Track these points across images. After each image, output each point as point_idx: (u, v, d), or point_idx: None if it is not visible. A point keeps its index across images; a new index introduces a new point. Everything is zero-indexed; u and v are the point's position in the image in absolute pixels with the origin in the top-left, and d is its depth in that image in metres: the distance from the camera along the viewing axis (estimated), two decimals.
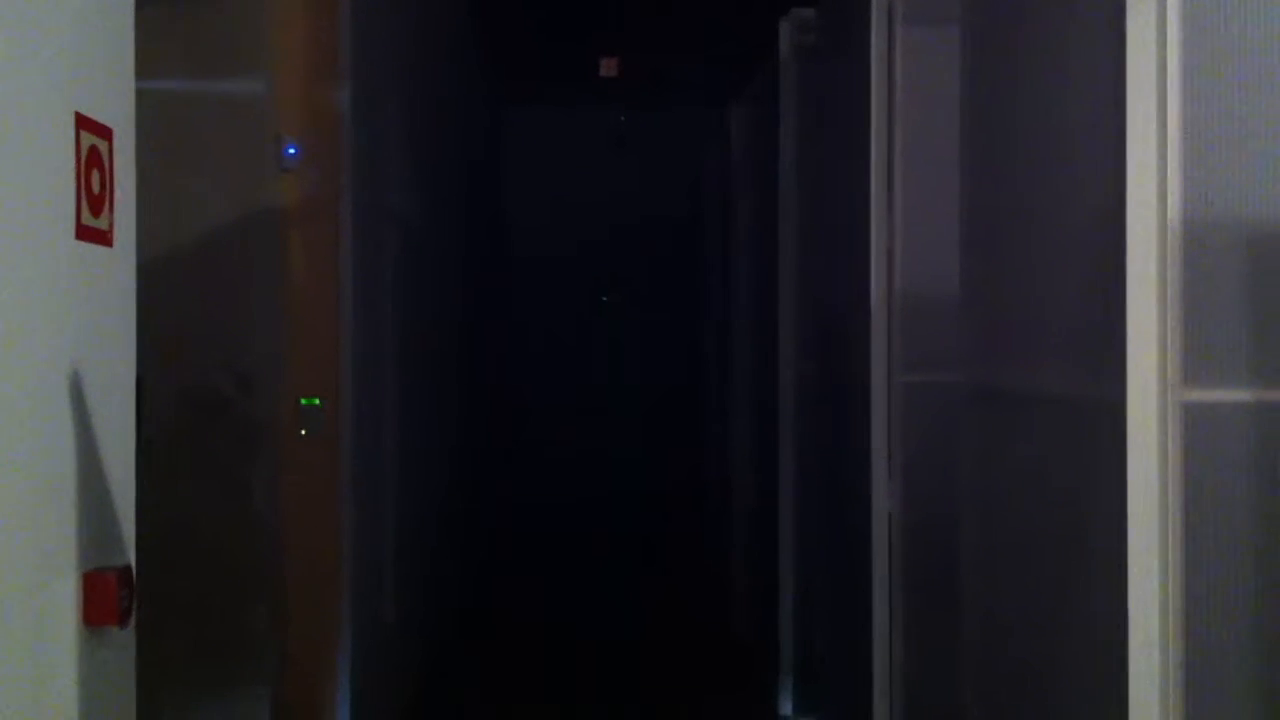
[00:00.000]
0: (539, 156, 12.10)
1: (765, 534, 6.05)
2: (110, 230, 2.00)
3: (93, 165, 1.94)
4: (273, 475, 3.51)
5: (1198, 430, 2.01)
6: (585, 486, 12.04)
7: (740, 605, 7.18)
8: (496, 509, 10.63)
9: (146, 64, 2.28)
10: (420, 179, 5.96)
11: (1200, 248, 2.03)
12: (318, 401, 3.83)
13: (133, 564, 2.06)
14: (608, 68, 9.75)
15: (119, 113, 2.04)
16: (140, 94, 2.14)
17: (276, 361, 3.55)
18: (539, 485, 12.01)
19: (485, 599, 8.43)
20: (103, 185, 1.97)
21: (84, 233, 1.92)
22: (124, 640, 2.05)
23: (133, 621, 2.04)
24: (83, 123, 1.91)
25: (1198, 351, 2.01)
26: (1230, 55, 2.03)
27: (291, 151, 3.58)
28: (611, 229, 12.23)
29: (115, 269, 2.03)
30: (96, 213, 1.95)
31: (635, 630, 7.57)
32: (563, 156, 12.16)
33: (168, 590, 3.28)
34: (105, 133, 1.98)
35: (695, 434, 10.69)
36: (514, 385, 12.03)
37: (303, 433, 3.76)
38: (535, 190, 12.09)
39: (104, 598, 1.93)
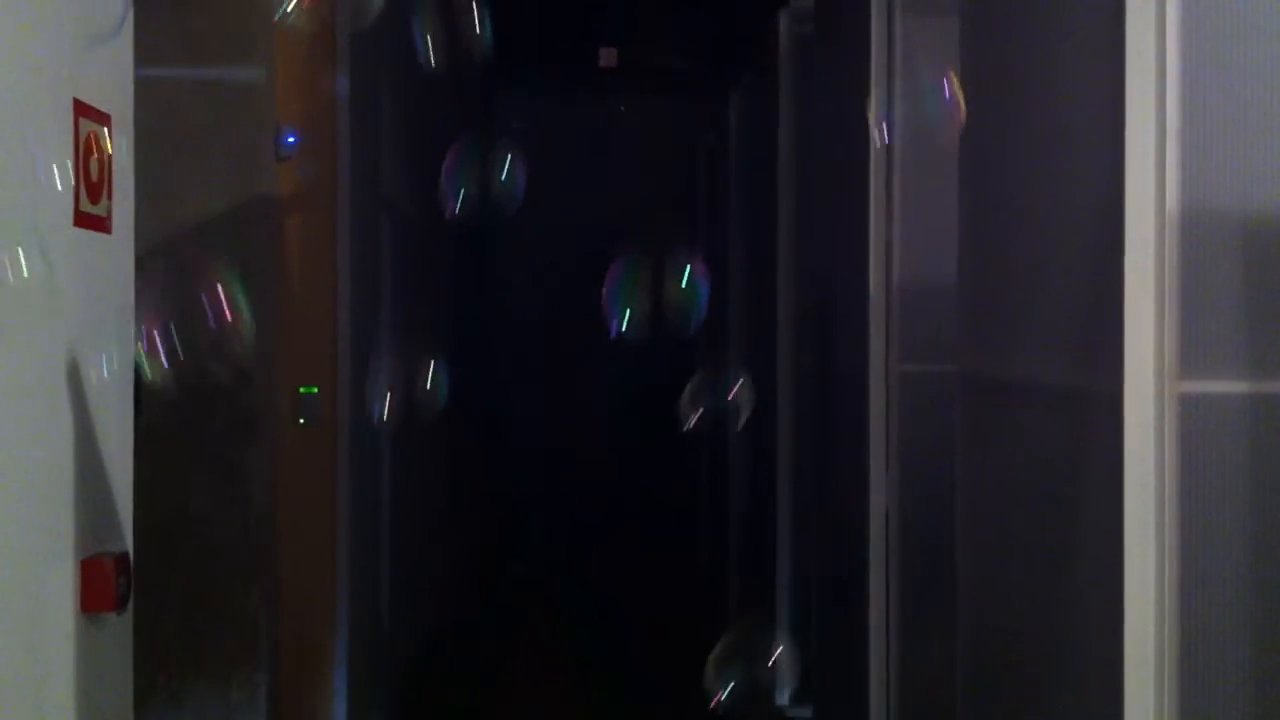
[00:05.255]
0: (534, 146, 12.07)
1: (762, 527, 6.06)
2: (108, 217, 2.00)
3: (91, 152, 1.93)
4: (268, 463, 3.51)
5: (1194, 421, 2.01)
6: (579, 481, 12.02)
7: (736, 598, 7.19)
8: (490, 503, 10.63)
9: (144, 51, 2.27)
10: (415, 166, 5.96)
11: (1198, 238, 2.03)
12: (315, 390, 3.83)
13: (130, 551, 2.06)
14: (607, 58, 9.73)
15: (118, 100, 2.04)
16: (138, 81, 2.13)
17: (273, 349, 3.55)
18: (532, 480, 11.99)
19: (479, 594, 8.43)
20: (101, 172, 1.97)
21: (82, 219, 1.91)
22: (121, 626, 2.06)
23: (130, 608, 2.04)
24: (81, 109, 1.91)
25: (1195, 342, 2.01)
26: (1230, 45, 2.03)
27: (291, 140, 3.58)
28: (607, 218, 12.21)
29: (113, 256, 2.03)
30: (95, 199, 1.95)
31: (630, 623, 7.57)
32: (558, 146, 12.13)
33: (163, 577, 3.28)
34: (104, 119, 1.98)
35: (688, 430, 10.67)
36: (504, 378, 12.00)
37: (301, 421, 3.76)
38: (530, 180, 12.04)
39: (101, 584, 1.94)
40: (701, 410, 3.02)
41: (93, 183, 1.95)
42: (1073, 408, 2.26)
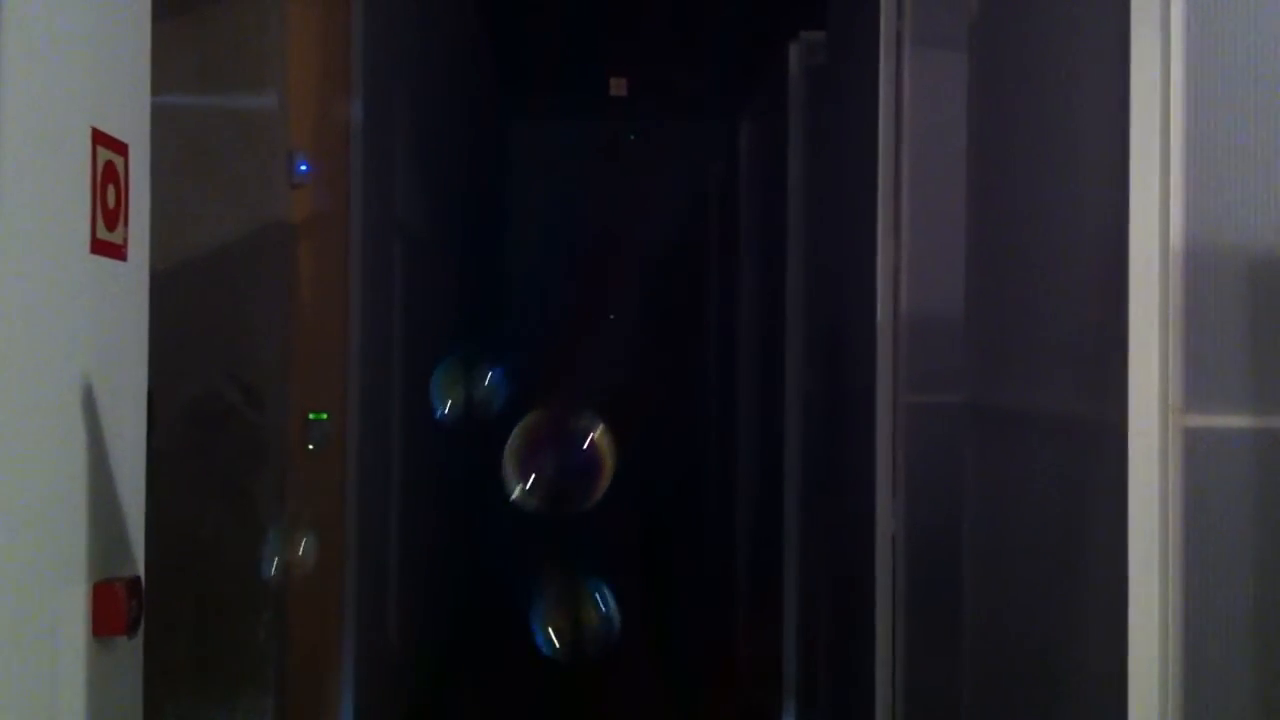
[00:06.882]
0: (545, 171, 12.11)
1: (769, 554, 6.06)
2: (124, 245, 2.02)
3: (108, 180, 1.96)
4: (278, 487, 3.52)
5: (1199, 456, 2.01)
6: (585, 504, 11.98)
7: (743, 626, 7.18)
8: (493, 521, 10.62)
9: (159, 78, 2.30)
10: (428, 193, 5.98)
11: (1202, 271, 2.04)
12: (325, 416, 3.84)
13: (141, 575, 2.08)
14: (617, 87, 9.78)
15: (135, 128, 2.06)
16: (153, 108, 2.16)
17: (284, 374, 3.56)
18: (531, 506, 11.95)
19: (484, 608, 8.42)
20: (118, 200, 1.99)
21: (98, 247, 1.93)
22: (131, 650, 2.07)
23: (141, 632, 2.05)
24: (99, 138, 1.93)
25: (1199, 376, 2.02)
26: (1235, 79, 2.04)
27: (304, 168, 3.60)
28: (617, 243, 12.23)
29: (129, 283, 2.05)
30: (111, 227, 1.97)
31: (637, 651, 7.56)
32: (569, 171, 12.17)
33: (172, 601, 3.29)
34: (121, 148, 2.00)
35: (697, 452, 10.68)
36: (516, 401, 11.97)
37: (310, 447, 3.78)
38: (541, 205, 12.09)
39: (113, 608, 1.95)
40: None
41: (109, 210, 1.97)
42: (1078, 439, 2.27)
